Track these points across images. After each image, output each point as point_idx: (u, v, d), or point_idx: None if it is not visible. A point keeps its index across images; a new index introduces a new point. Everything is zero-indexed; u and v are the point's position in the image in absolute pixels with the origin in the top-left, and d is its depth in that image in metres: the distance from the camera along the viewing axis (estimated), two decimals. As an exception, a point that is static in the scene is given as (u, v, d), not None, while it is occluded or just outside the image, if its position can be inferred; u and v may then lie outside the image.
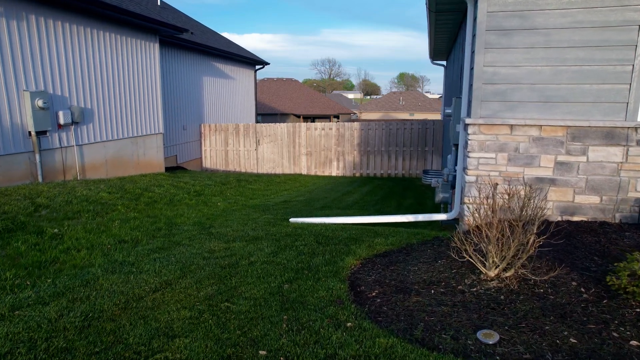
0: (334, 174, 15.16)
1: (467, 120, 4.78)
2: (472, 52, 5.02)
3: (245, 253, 4.55)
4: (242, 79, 20.01)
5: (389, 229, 5.69)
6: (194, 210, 7.22)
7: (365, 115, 56.48)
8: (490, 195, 3.59)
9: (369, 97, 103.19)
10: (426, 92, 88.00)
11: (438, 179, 6.01)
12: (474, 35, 4.91)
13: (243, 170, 16.06)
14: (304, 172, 15.36)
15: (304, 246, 4.73)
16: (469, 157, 4.89)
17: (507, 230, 3.37)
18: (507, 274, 3.37)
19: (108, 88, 9.63)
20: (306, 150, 15.30)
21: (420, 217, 5.83)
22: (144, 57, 10.91)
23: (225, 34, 27.33)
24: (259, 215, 7.11)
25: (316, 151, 15.22)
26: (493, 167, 4.82)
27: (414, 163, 14.55)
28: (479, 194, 4.59)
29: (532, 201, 3.48)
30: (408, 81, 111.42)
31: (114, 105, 9.84)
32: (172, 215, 6.65)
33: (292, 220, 6.46)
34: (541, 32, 4.43)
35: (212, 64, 17.08)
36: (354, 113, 49.85)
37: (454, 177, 6.18)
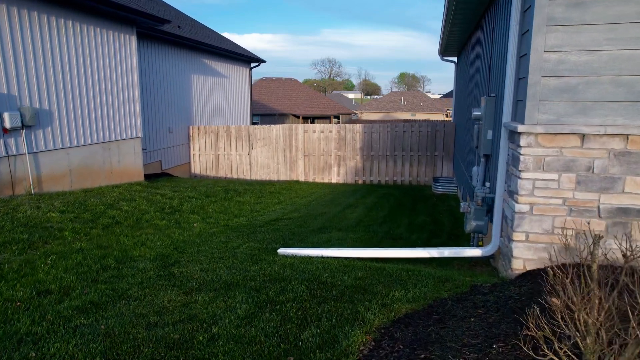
0: (334, 180, 13.81)
1: (520, 128, 3.43)
2: (523, 34, 3.67)
3: (207, 317, 3.20)
4: (236, 77, 18.66)
5: (405, 268, 4.35)
6: (161, 236, 5.87)
7: (366, 116, 55.19)
8: (588, 253, 2.24)
9: (369, 97, 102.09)
10: (427, 92, 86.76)
11: (470, 204, 4.66)
12: (526, 10, 3.56)
13: (235, 176, 14.72)
14: (302, 178, 14.01)
15: (291, 303, 3.39)
16: (520, 178, 3.54)
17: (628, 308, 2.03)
18: (624, 390, 2.02)
19: (72, 86, 8.29)
20: (304, 155, 13.95)
21: (447, 253, 4.48)
22: (119, 50, 9.57)
23: (225, 34, 26.09)
24: (241, 242, 5.76)
25: (315, 156, 13.87)
26: (554, 192, 3.47)
27: (422, 169, 13.20)
28: (537, 229, 3.26)
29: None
30: (409, 81, 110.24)
31: (79, 105, 8.49)
32: (131, 245, 5.30)
33: (281, 251, 5.12)
34: None
35: (202, 61, 15.74)
36: (355, 113, 48.59)
37: (483, 198, 4.83)
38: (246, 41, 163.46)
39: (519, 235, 3.63)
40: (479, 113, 5.33)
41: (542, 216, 3.53)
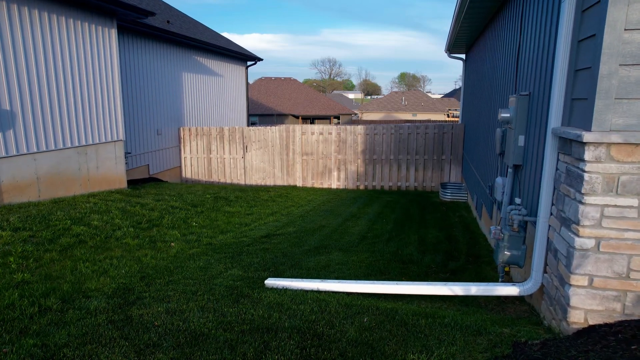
0: (334, 186, 12.90)
1: (587, 137, 2.53)
2: (585, 10, 2.77)
3: (156, 400, 2.30)
4: (231, 76, 17.76)
5: (422, 312, 3.45)
6: (129, 260, 4.96)
7: (366, 116, 54.36)
8: None
9: (369, 97, 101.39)
10: (427, 92, 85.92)
11: (503, 229, 3.74)
12: (592, -23, 2.66)
13: (228, 181, 13.81)
14: (299, 183, 13.10)
15: (275, 375, 2.49)
16: (582, 203, 2.63)
17: None
18: None
19: (40, 84, 7.38)
20: (302, 158, 13.04)
21: (474, 290, 3.56)
22: (97, 45, 8.66)
23: (225, 34, 25.30)
24: (222, 268, 4.86)
25: (313, 159, 12.96)
26: (632, 223, 2.57)
27: (428, 174, 12.29)
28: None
29: None
30: (409, 81, 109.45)
31: (49, 106, 7.58)
32: (89, 274, 4.39)
33: (269, 283, 4.21)
34: None
35: (194, 59, 14.84)
36: (355, 113, 47.73)
37: (520, 222, 3.92)
38: (247, 41, 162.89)
39: (579, 279, 2.72)
40: (508, 115, 4.43)
41: (614, 255, 2.62)
